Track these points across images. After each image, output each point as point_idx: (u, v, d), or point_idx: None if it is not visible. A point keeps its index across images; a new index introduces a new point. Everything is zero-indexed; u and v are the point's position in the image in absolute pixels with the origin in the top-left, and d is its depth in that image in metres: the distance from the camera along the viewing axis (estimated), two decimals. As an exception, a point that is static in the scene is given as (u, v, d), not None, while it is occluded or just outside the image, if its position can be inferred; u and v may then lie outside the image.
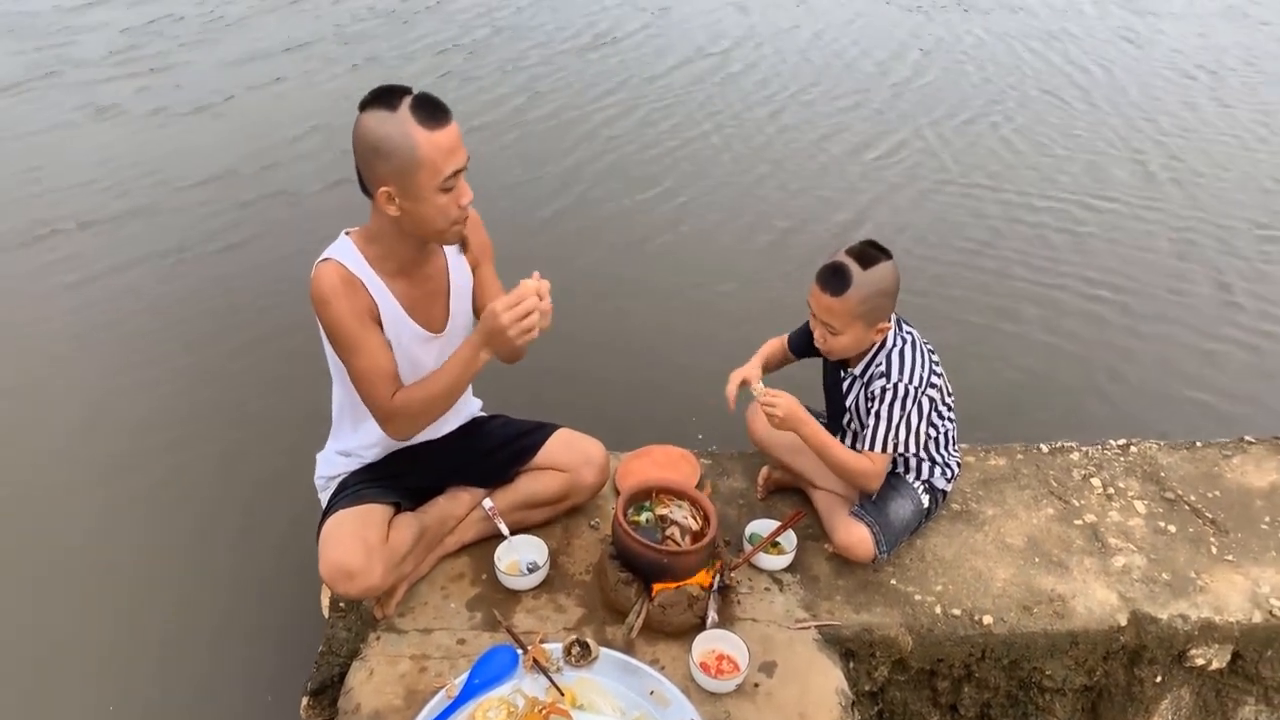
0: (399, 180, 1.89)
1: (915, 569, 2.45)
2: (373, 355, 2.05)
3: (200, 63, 6.36)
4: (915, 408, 2.29)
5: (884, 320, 2.27)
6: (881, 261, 2.21)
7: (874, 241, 2.25)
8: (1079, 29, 7.36)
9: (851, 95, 6.14)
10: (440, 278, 2.18)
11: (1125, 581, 2.43)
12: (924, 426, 2.34)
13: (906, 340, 2.33)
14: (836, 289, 2.19)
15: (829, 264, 2.23)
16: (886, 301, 2.24)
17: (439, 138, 1.86)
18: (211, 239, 4.47)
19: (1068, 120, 5.89)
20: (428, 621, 2.28)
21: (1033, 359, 3.90)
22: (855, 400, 2.39)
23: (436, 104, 1.88)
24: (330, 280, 2.00)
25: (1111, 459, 2.83)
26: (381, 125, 1.86)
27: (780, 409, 2.26)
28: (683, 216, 4.77)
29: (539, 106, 5.85)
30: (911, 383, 2.28)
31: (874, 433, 2.30)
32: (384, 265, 2.07)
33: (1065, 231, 4.74)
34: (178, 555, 2.97)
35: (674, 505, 2.33)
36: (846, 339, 2.25)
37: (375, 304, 2.07)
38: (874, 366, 2.33)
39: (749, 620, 2.28)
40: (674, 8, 7.50)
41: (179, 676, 2.66)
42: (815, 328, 2.30)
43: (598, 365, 3.75)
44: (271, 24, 6.99)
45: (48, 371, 3.67)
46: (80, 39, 6.61)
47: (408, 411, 2.07)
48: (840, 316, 2.21)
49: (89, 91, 5.89)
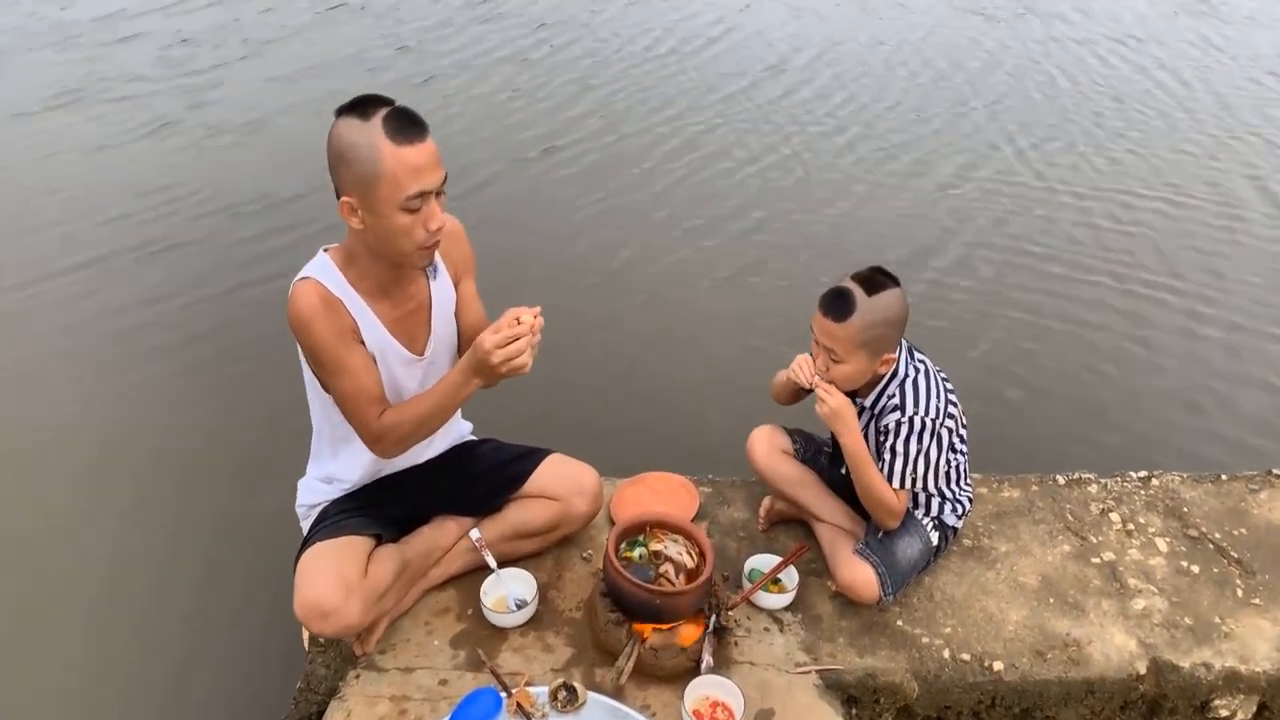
0: (360, 191, 1.81)
1: (923, 609, 2.33)
2: (358, 375, 1.97)
3: (244, 79, 6.08)
4: (934, 440, 2.18)
5: (889, 351, 2.15)
6: (889, 289, 2.10)
7: (882, 268, 2.14)
8: (1150, 34, 7.13)
9: (935, 112, 5.86)
10: (422, 296, 2.08)
11: (1145, 626, 2.30)
12: (943, 459, 2.23)
13: (919, 369, 2.21)
14: (839, 314, 2.08)
15: (833, 288, 2.13)
16: (892, 331, 2.13)
17: (406, 153, 1.77)
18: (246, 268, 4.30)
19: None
20: (409, 659, 2.18)
21: (1051, 382, 3.75)
22: (865, 432, 2.27)
23: (411, 119, 1.79)
24: (309, 300, 1.91)
25: (1131, 492, 2.70)
26: (350, 132, 1.78)
27: (834, 399, 2.15)
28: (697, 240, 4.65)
29: (598, 121, 5.61)
30: (928, 414, 2.17)
31: (891, 467, 2.19)
32: (363, 284, 1.98)
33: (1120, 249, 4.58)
34: (153, 582, 2.87)
35: (669, 540, 2.22)
36: (849, 368, 2.14)
37: (356, 324, 1.97)
38: (885, 398, 2.21)
39: (746, 664, 2.17)
40: (741, 25, 7.19)
41: (155, 710, 2.56)
42: (817, 355, 2.20)
43: (594, 386, 3.63)
44: (320, 37, 6.74)
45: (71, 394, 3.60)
46: (124, 51, 6.41)
47: (396, 433, 2.00)
48: (842, 343, 2.11)
49: (134, 108, 5.69)
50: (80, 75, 6.04)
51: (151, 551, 2.97)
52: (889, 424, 2.19)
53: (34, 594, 2.84)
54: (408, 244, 1.86)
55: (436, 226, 1.85)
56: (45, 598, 2.83)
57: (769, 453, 2.51)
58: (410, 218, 1.82)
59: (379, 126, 1.76)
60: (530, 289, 3.94)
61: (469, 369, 1.91)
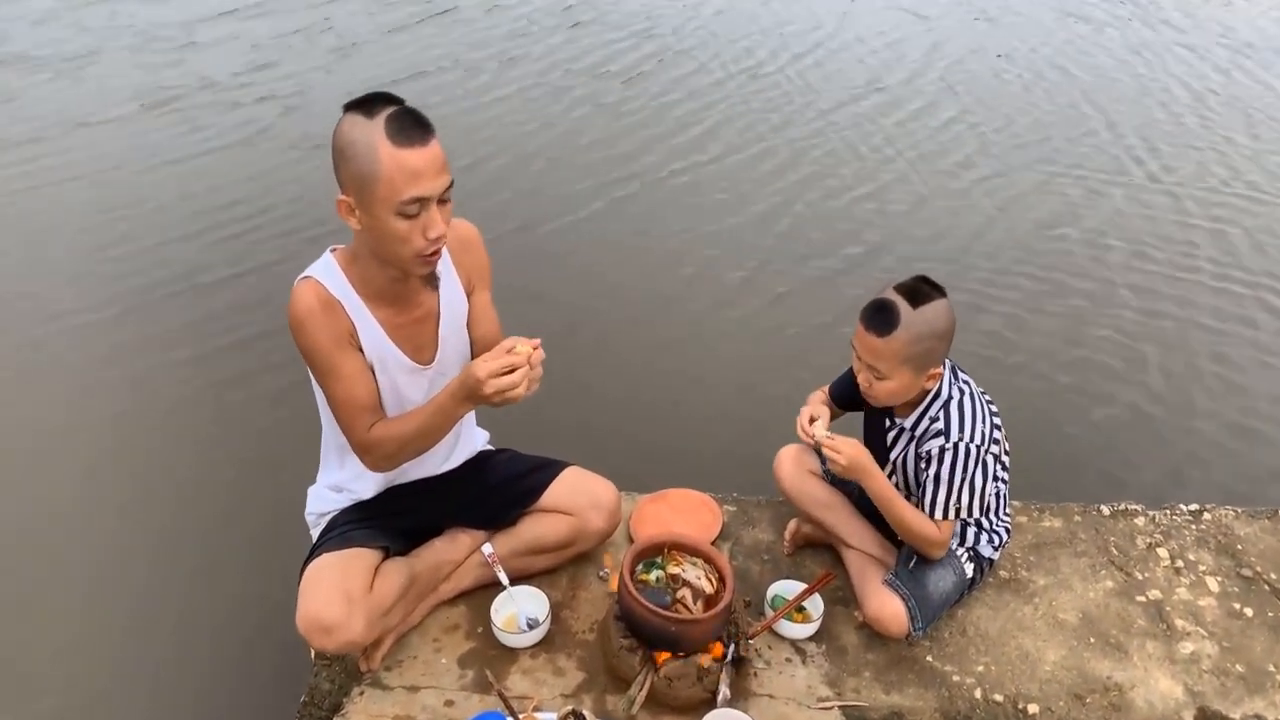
0: (357, 191, 1.74)
1: (954, 645, 2.21)
2: (350, 382, 1.90)
3: (328, 85, 5.80)
4: (979, 468, 2.06)
5: (935, 366, 2.03)
6: (935, 300, 1.97)
7: (927, 277, 2.02)
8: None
9: (1051, 124, 5.60)
10: (430, 304, 2.00)
11: (1193, 672, 2.17)
12: (989, 488, 2.11)
13: (964, 391, 2.09)
14: (882, 329, 1.96)
15: (875, 300, 2.00)
16: (939, 345, 2.01)
17: (406, 156, 1.68)
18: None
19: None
20: (415, 678, 2.11)
21: (1098, 409, 3.59)
22: (903, 456, 2.16)
23: (415, 122, 1.71)
24: (307, 301, 1.85)
25: (1181, 526, 2.56)
26: (353, 129, 1.71)
27: (844, 456, 2.04)
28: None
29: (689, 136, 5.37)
30: (973, 441, 2.04)
31: (934, 498, 2.07)
32: (366, 288, 1.90)
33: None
34: (157, 588, 2.82)
35: (687, 564, 2.12)
36: (893, 384, 2.03)
37: (355, 328, 1.90)
38: (928, 421, 2.09)
39: (765, 696, 2.06)
40: (838, 33, 6.83)
41: (159, 716, 2.51)
42: (859, 371, 2.08)
43: (620, 397, 3.53)
44: (409, 41, 6.48)
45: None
46: (206, 55, 6.17)
47: (383, 449, 1.92)
48: (886, 359, 1.99)
49: (219, 114, 5.51)
50: (168, 78, 5.89)
51: (155, 556, 2.92)
52: (931, 450, 2.07)
53: (32, 595, 2.80)
54: (405, 250, 1.78)
55: (435, 235, 1.76)
56: (44, 599, 2.80)
57: (797, 473, 2.40)
58: (407, 223, 1.74)
59: (381, 126, 1.68)
60: (558, 300, 3.92)
61: (460, 394, 1.82)
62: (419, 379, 2.01)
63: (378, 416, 1.93)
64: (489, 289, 2.11)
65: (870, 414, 2.26)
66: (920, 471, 2.11)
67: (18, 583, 2.82)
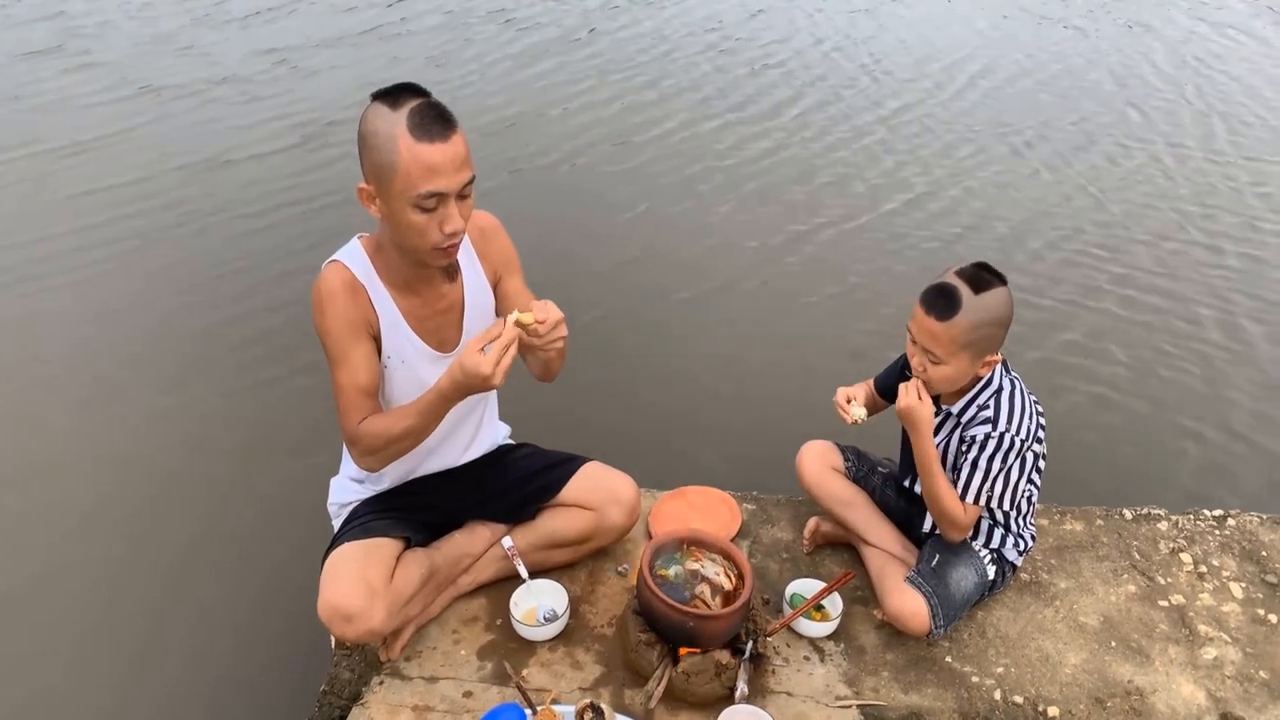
0: (377, 180, 1.76)
1: (974, 646, 2.20)
2: (354, 372, 1.91)
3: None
4: (1018, 461, 2.07)
5: (992, 353, 2.03)
6: (995, 286, 1.97)
7: (987, 264, 2.01)
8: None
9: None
10: (455, 294, 2.01)
11: (1215, 678, 2.14)
12: (1023, 483, 2.11)
13: (1014, 385, 2.10)
14: (943, 313, 1.95)
15: (936, 285, 1.99)
16: (998, 331, 2.00)
17: (424, 151, 1.69)
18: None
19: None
20: (435, 669, 2.12)
21: (1120, 410, 3.57)
22: (945, 441, 2.15)
23: (437, 117, 1.71)
24: (330, 284, 1.88)
25: (1205, 532, 2.53)
26: (377, 118, 1.72)
27: (911, 398, 2.04)
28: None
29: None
30: (1018, 435, 2.04)
31: (968, 481, 2.07)
32: (391, 275, 1.92)
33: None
34: (178, 575, 2.85)
35: (706, 560, 2.12)
36: (949, 369, 2.02)
37: (376, 315, 1.92)
38: (976, 408, 2.09)
39: (783, 694, 2.06)
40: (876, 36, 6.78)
41: (179, 705, 2.53)
42: (914, 355, 2.06)
43: (640, 393, 3.53)
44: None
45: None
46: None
47: (366, 444, 1.90)
48: (945, 344, 1.98)
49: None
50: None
51: (176, 546, 2.94)
52: (976, 435, 2.06)
53: (54, 579, 2.83)
54: (421, 243, 1.79)
55: (451, 230, 1.77)
56: (63, 584, 2.82)
57: (819, 469, 2.40)
58: (424, 217, 1.75)
59: (403, 118, 1.69)
60: (582, 295, 3.92)
61: (456, 392, 1.80)
62: (441, 367, 2.01)
63: (373, 409, 1.93)
64: (519, 274, 2.11)
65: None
66: (960, 456, 2.11)
67: (49, 567, 2.87)
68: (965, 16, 7.30)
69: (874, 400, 2.30)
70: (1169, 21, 7.31)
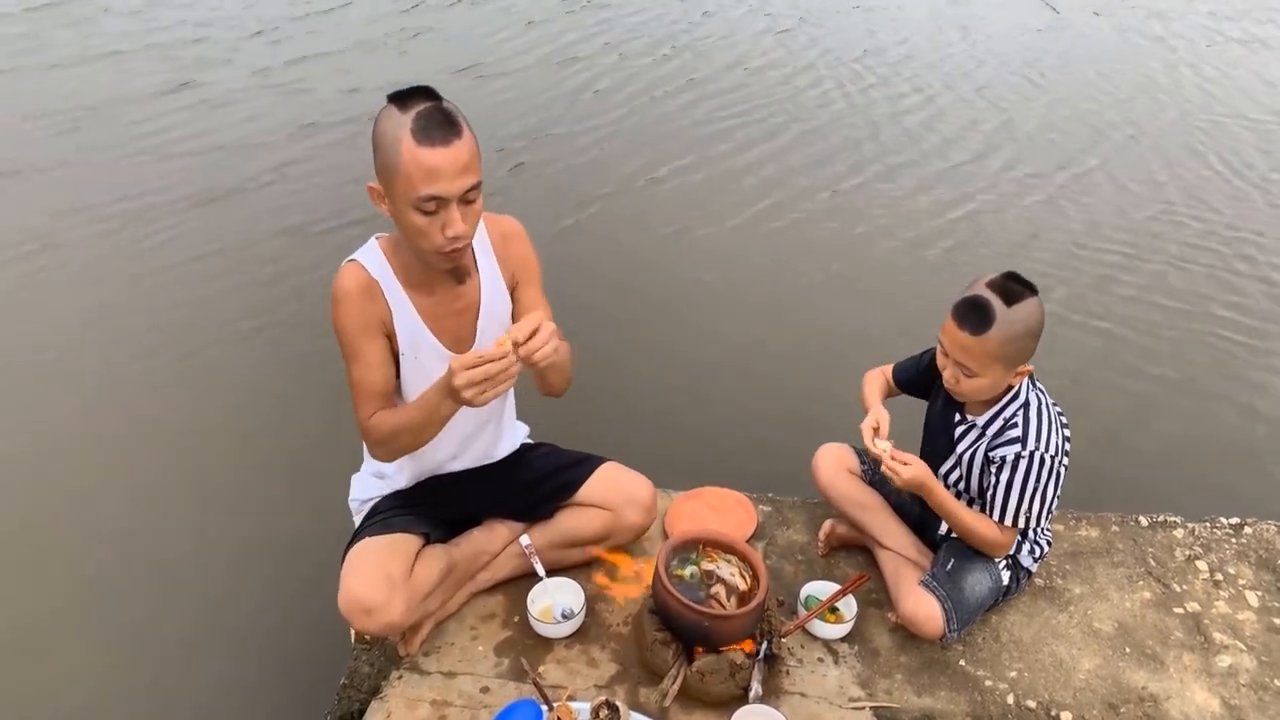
0: (384, 180, 1.79)
1: (988, 650, 2.21)
2: (367, 368, 1.95)
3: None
4: (1052, 479, 2.07)
5: (1025, 363, 2.03)
6: (1027, 298, 1.96)
7: (1016, 274, 2.00)
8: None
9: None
10: (471, 294, 2.03)
11: (1230, 685, 2.15)
12: (1056, 499, 2.12)
13: (1040, 399, 2.10)
14: (976, 327, 1.95)
15: (968, 298, 1.98)
16: (1031, 342, 2.00)
17: (425, 155, 1.71)
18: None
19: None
20: (453, 664, 2.15)
21: (1139, 416, 3.56)
22: (970, 453, 2.16)
23: (440, 122, 1.72)
24: (344, 284, 1.92)
25: (1221, 540, 2.53)
26: (387, 120, 1.75)
27: (905, 474, 2.03)
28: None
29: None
30: (1048, 451, 2.05)
31: (1004, 504, 2.07)
32: (408, 274, 1.95)
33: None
34: (201, 567, 2.89)
35: (722, 560, 2.14)
36: (983, 382, 2.02)
37: (391, 314, 1.95)
38: (1001, 422, 2.09)
39: (797, 695, 2.08)
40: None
41: (201, 694, 2.57)
42: (946, 367, 2.06)
43: (658, 395, 3.55)
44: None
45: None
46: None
47: (374, 436, 1.96)
48: (978, 358, 1.98)
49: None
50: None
51: (195, 539, 2.98)
52: (1006, 455, 2.06)
53: (84, 570, 2.89)
54: (424, 244, 1.82)
55: (453, 234, 1.78)
56: (89, 574, 2.87)
57: (835, 471, 2.41)
58: (426, 219, 1.77)
59: (409, 121, 1.71)
60: (600, 298, 3.94)
61: (442, 391, 1.81)
62: None
63: (384, 405, 1.97)
64: (537, 283, 2.13)
65: (938, 405, 2.26)
66: (986, 473, 2.11)
67: (79, 557, 2.92)
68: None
69: (891, 391, 2.30)
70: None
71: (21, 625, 2.70)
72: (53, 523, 3.01)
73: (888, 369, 2.35)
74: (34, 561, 2.88)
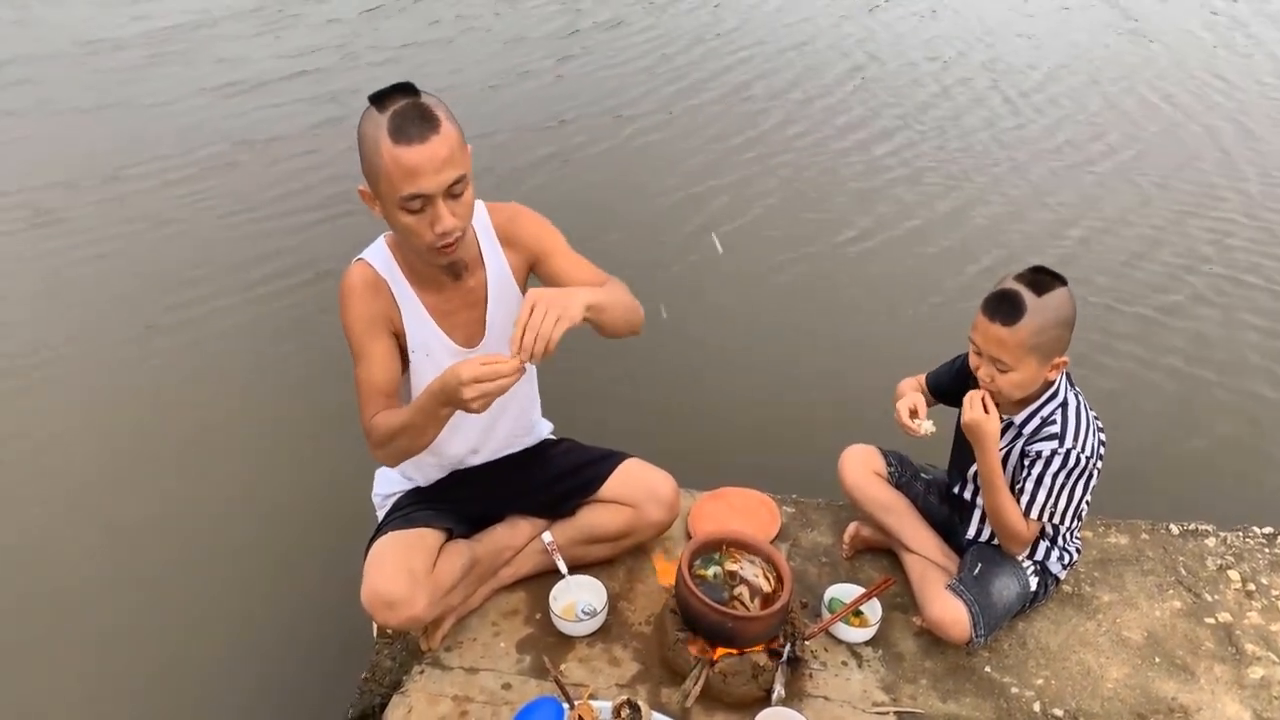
0: (371, 182, 1.78)
1: (1014, 656, 2.18)
2: (372, 367, 1.94)
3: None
4: (1082, 480, 2.05)
5: (1060, 354, 2.01)
6: (1057, 287, 1.95)
7: (1044, 267, 1.99)
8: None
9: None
10: (478, 288, 2.02)
11: (1262, 698, 2.11)
12: (1084, 502, 2.10)
13: (1079, 399, 2.08)
14: (1008, 318, 1.94)
15: (997, 291, 1.98)
16: (1064, 332, 1.98)
17: (402, 154, 1.69)
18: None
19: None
20: (474, 660, 2.14)
21: (1173, 421, 3.51)
22: (1006, 451, 2.13)
23: (415, 119, 1.69)
24: (351, 283, 1.92)
25: (1255, 549, 2.49)
26: (367, 122, 1.73)
27: (978, 412, 2.02)
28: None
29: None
30: (1084, 452, 2.03)
31: (1032, 497, 2.06)
32: (414, 273, 1.95)
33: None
34: (225, 561, 2.91)
35: (745, 561, 2.12)
36: (1019, 375, 2.00)
37: (399, 311, 1.95)
38: (1039, 420, 2.07)
39: (820, 698, 2.06)
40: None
41: (222, 686, 2.59)
42: (979, 366, 2.05)
43: (683, 393, 3.54)
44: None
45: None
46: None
47: (374, 438, 1.92)
48: (1012, 350, 1.96)
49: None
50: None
51: (221, 533, 3.00)
52: (1041, 451, 2.05)
53: (104, 556, 2.92)
54: (417, 242, 1.80)
55: (442, 230, 1.76)
56: (109, 566, 2.90)
57: (861, 473, 2.39)
58: (414, 218, 1.75)
59: (385, 120, 1.69)
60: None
61: (440, 395, 1.76)
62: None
63: (386, 406, 1.93)
64: (563, 249, 2.05)
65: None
66: (1020, 469, 2.09)
67: (98, 552, 2.95)
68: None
69: (925, 400, 2.28)
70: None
71: (39, 608, 2.74)
72: (82, 503, 3.05)
73: (921, 378, 2.33)
74: (60, 543, 2.91)
